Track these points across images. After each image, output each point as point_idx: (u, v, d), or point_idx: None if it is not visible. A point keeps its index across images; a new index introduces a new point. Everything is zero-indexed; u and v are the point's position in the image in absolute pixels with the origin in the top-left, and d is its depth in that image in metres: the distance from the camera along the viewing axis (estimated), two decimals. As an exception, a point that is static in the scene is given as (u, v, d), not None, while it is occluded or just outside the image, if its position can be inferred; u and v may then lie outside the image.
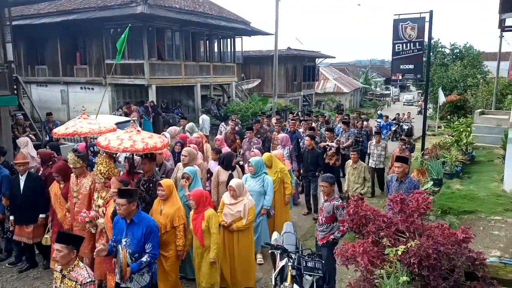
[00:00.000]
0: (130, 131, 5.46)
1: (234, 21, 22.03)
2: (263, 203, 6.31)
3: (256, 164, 6.42)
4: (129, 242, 4.13)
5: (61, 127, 6.34)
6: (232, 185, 5.49)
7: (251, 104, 19.80)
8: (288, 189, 7.00)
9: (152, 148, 5.28)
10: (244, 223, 5.39)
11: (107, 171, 5.35)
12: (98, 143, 5.47)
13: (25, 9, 19.60)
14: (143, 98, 18.56)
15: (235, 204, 5.45)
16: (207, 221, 4.90)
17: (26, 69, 20.89)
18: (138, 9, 16.02)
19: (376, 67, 73.47)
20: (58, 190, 5.86)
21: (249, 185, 6.28)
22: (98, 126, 6.18)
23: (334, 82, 37.34)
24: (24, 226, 5.97)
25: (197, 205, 4.92)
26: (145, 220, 4.21)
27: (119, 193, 4.13)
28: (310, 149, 8.67)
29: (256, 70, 28.23)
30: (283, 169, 7.04)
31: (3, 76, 10.82)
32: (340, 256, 3.84)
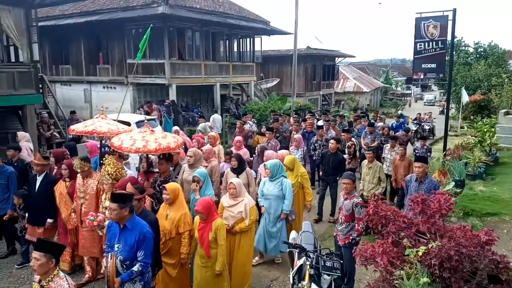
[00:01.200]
0: (143, 131, 5.38)
1: (254, 21, 22.07)
2: (282, 207, 6.10)
3: (273, 167, 6.17)
4: (121, 248, 3.93)
5: (80, 125, 6.32)
6: (233, 182, 5.33)
7: (270, 104, 19.81)
8: (309, 194, 6.82)
9: (165, 148, 5.19)
10: (247, 224, 5.23)
11: (115, 171, 5.29)
12: (112, 143, 5.43)
13: (50, 11, 20.07)
14: (164, 97, 18.80)
15: (235, 206, 5.28)
16: (215, 232, 4.64)
17: (51, 69, 21.43)
18: (159, 9, 16.22)
19: (397, 66, 72.35)
20: (64, 189, 5.78)
21: (267, 188, 6.14)
22: (116, 127, 6.15)
23: (354, 81, 36.95)
24: (36, 227, 5.95)
25: (207, 216, 4.65)
26: (139, 226, 3.95)
27: (112, 197, 3.91)
28: (333, 152, 8.30)
29: (275, 70, 28.21)
30: (303, 173, 6.85)
31: (29, 76, 11.17)
32: (359, 256, 3.82)
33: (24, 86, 10.96)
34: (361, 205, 5.13)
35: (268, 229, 6.13)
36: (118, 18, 17.46)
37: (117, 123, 6.48)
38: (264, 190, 6.17)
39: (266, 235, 6.17)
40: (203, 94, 21.93)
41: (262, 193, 6.24)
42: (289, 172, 6.68)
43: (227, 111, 20.02)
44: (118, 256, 3.89)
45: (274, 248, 6.20)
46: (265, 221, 6.19)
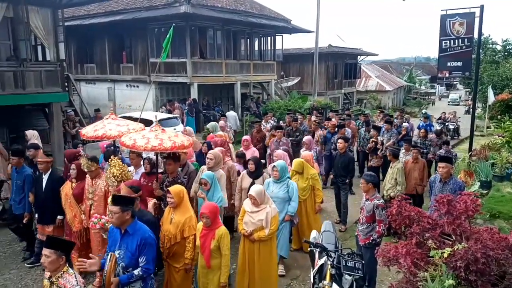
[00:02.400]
0: (155, 130, 5.27)
1: (275, 19, 22.03)
2: (288, 210, 5.85)
3: (282, 169, 5.90)
4: (122, 255, 3.74)
5: (90, 128, 6.08)
6: (252, 193, 4.98)
7: (291, 102, 19.74)
8: (319, 196, 6.58)
9: (180, 146, 5.10)
10: (266, 233, 4.91)
11: (120, 174, 5.17)
12: (123, 142, 5.26)
13: (76, 11, 20.56)
14: (185, 96, 18.99)
15: (256, 212, 4.98)
16: (218, 241, 4.35)
17: (76, 67, 21.96)
18: (182, 8, 16.38)
19: (421, 64, 70.89)
20: (70, 190, 5.64)
21: (272, 190, 5.83)
22: (127, 128, 5.96)
23: (376, 80, 36.38)
24: (45, 226, 5.86)
25: (212, 221, 4.36)
26: (141, 231, 3.76)
27: (113, 199, 3.72)
28: (342, 153, 7.97)
29: (296, 68, 28.08)
30: (314, 175, 6.60)
31: (56, 74, 11.46)
32: (381, 257, 3.76)
33: (50, 84, 11.26)
34: (382, 207, 5.06)
35: None
36: (141, 17, 17.75)
37: (127, 123, 6.20)
38: (269, 192, 5.76)
39: None
40: (223, 92, 22.05)
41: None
42: (298, 175, 6.50)
43: (248, 109, 20.06)
44: (119, 263, 3.73)
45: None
46: None
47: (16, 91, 10.51)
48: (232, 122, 15.99)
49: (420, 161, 7.82)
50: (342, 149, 7.92)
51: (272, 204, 5.08)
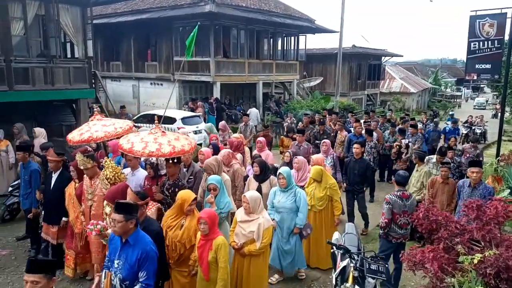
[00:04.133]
0: (155, 132, 4.96)
1: (299, 19, 21.94)
2: (296, 221, 5.39)
3: (288, 176, 5.45)
4: (121, 265, 3.47)
5: (75, 132, 5.73)
6: (247, 195, 4.61)
7: (313, 102, 19.64)
8: (338, 208, 6.07)
9: (179, 151, 4.79)
10: (257, 247, 4.52)
11: (113, 176, 4.94)
12: (120, 145, 4.96)
13: (104, 9, 20.99)
14: (208, 95, 19.15)
15: (248, 223, 4.59)
16: (215, 252, 4.01)
17: (102, 65, 22.42)
18: (207, 8, 16.51)
19: (447, 66, 69.33)
20: (73, 191, 5.44)
21: (278, 200, 5.43)
22: (113, 128, 5.64)
23: (400, 81, 35.80)
24: (51, 226, 5.70)
25: (209, 229, 4.03)
26: (142, 242, 3.47)
27: (116, 207, 3.43)
28: (358, 158, 7.37)
29: (318, 68, 27.91)
30: (332, 184, 6.08)
31: (84, 71, 11.74)
32: (407, 261, 3.71)
33: (78, 81, 11.55)
34: (387, 201, 5.18)
35: (281, 246, 5.47)
36: (167, 16, 17.96)
37: (113, 122, 5.87)
38: (275, 202, 5.44)
39: (279, 252, 5.53)
40: (245, 92, 22.12)
41: (272, 205, 5.52)
42: (316, 184, 6.05)
43: (269, 109, 20.07)
44: (117, 274, 3.46)
45: (290, 265, 5.58)
46: (278, 237, 5.52)
47: (46, 86, 10.82)
48: (254, 118, 16.30)
49: (450, 181, 6.72)
50: (358, 154, 7.35)
51: (266, 215, 4.68)
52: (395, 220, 5.18)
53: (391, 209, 5.18)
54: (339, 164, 8.14)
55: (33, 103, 11.00)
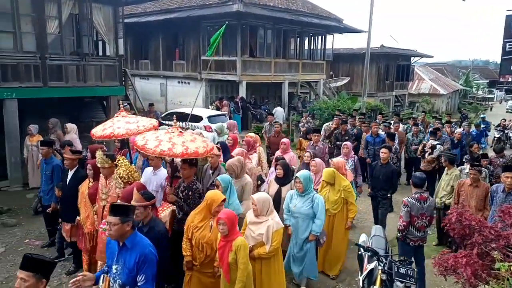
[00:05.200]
0: (171, 132, 4.88)
1: (327, 19, 21.75)
2: (312, 228, 5.13)
3: (306, 180, 5.19)
4: (119, 270, 3.32)
5: (99, 128, 5.74)
6: (254, 197, 4.47)
7: (339, 103, 19.41)
8: (352, 211, 5.82)
9: (192, 153, 4.65)
10: (266, 250, 4.35)
11: (127, 174, 4.86)
12: (135, 142, 4.95)
13: (134, 8, 21.42)
14: (234, 94, 19.25)
15: (257, 225, 4.44)
16: (235, 253, 3.93)
17: (131, 63, 22.88)
18: (234, 7, 16.59)
19: (479, 68, 67.18)
20: (86, 189, 5.38)
21: (294, 205, 5.20)
22: (136, 126, 5.61)
23: (430, 82, 34.95)
24: (65, 223, 5.74)
25: (229, 230, 3.95)
26: (140, 245, 3.32)
27: (111, 209, 3.27)
28: (384, 163, 7.03)
29: (345, 68, 27.60)
30: (347, 187, 5.82)
31: (114, 69, 12.03)
32: (438, 266, 3.62)
33: (109, 79, 11.83)
34: (405, 204, 5.14)
35: (293, 252, 5.28)
36: (195, 15, 18.15)
37: (137, 120, 5.84)
38: (291, 207, 5.23)
39: (291, 258, 5.36)
40: (271, 91, 22.11)
41: (288, 210, 5.32)
42: (329, 187, 5.81)
43: (294, 109, 19.99)
44: (116, 279, 3.33)
45: (300, 274, 5.33)
46: (292, 243, 5.35)
47: (78, 84, 11.15)
48: (279, 117, 16.43)
49: (481, 184, 6.33)
50: (385, 159, 7.03)
51: (276, 217, 4.49)
52: (413, 223, 5.15)
53: (409, 211, 5.15)
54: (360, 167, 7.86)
55: (66, 99, 11.35)
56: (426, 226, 5.22)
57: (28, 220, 7.81)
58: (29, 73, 10.17)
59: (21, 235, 7.20)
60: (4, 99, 9.69)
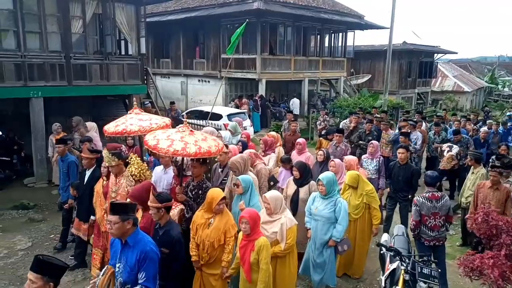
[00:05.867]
0: (182, 131, 4.80)
1: (348, 15, 21.51)
2: (332, 233, 4.89)
3: (329, 182, 4.97)
4: (121, 268, 3.32)
5: (112, 124, 5.73)
6: (267, 196, 4.40)
7: (360, 100, 19.18)
8: (376, 217, 5.56)
9: (205, 153, 4.60)
10: (282, 248, 4.28)
11: (139, 172, 4.81)
12: (146, 142, 4.84)
13: (155, 8, 21.67)
14: (253, 92, 19.27)
15: (270, 223, 4.38)
16: (257, 253, 3.88)
17: (152, 62, 23.16)
18: (255, 5, 16.58)
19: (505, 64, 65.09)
20: (101, 188, 5.38)
21: (316, 207, 5.00)
22: (149, 123, 5.56)
23: (453, 79, 34.11)
24: (81, 222, 5.76)
25: (252, 229, 3.91)
26: (141, 243, 3.31)
27: (112, 208, 3.27)
28: (403, 164, 6.80)
29: (366, 65, 27.24)
30: (370, 191, 5.56)
31: (136, 67, 12.20)
32: (463, 266, 3.54)
33: (131, 77, 12.01)
34: (414, 203, 5.20)
35: (313, 258, 5.04)
36: (215, 14, 18.24)
37: (150, 117, 5.79)
38: (313, 209, 5.03)
39: (311, 264, 5.12)
40: (290, 89, 22.04)
41: (310, 212, 5.13)
42: (352, 190, 5.60)
43: (314, 106, 19.86)
44: (118, 278, 3.33)
45: (320, 282, 5.09)
46: (311, 247, 5.12)
47: (101, 82, 11.36)
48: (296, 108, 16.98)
49: (502, 187, 6.04)
50: (404, 160, 6.80)
51: (288, 214, 4.43)
52: (425, 222, 5.13)
53: (418, 211, 5.15)
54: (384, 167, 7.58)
55: (89, 97, 11.58)
56: (441, 225, 5.14)
57: (53, 216, 8.01)
58: (55, 72, 10.43)
59: (47, 230, 7.42)
60: (30, 98, 9.96)
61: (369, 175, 7.17)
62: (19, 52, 9.81)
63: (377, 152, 7.58)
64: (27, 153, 10.62)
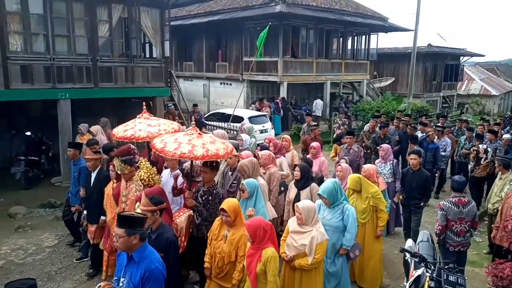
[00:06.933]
0: (190, 134, 4.72)
1: (371, 17, 21.29)
2: (342, 242, 4.70)
3: (330, 194, 4.70)
4: (125, 284, 3.17)
5: (121, 128, 5.75)
6: (299, 205, 4.20)
7: (384, 103, 18.90)
8: (382, 219, 5.38)
9: (213, 155, 4.50)
10: (309, 262, 4.08)
11: (148, 177, 4.70)
12: (153, 145, 4.81)
13: (178, 11, 21.94)
14: (274, 94, 19.27)
15: (300, 234, 4.18)
16: (264, 264, 3.72)
17: (176, 65, 23.47)
18: (277, 8, 16.60)
19: (535, 67, 63.04)
20: (111, 190, 5.36)
21: (323, 216, 4.76)
22: (157, 129, 5.54)
23: (480, 83, 33.26)
24: (90, 224, 5.70)
25: (253, 239, 3.75)
26: (147, 260, 3.14)
27: (118, 219, 3.12)
28: (416, 169, 6.49)
29: (390, 68, 26.88)
30: (375, 193, 5.36)
31: (160, 70, 12.38)
32: (491, 276, 3.44)
33: (155, 80, 12.19)
34: (441, 208, 5.15)
35: (326, 267, 4.77)
36: (238, 17, 18.36)
37: (159, 123, 5.77)
38: (320, 218, 4.73)
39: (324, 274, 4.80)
40: (312, 91, 21.93)
41: None
42: (356, 194, 5.40)
43: (336, 109, 19.70)
44: None
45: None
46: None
47: (126, 85, 11.57)
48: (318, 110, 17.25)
49: None
50: (416, 165, 6.49)
51: (320, 228, 4.20)
52: (451, 227, 5.09)
53: (445, 215, 5.08)
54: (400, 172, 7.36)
55: (114, 100, 11.81)
56: (467, 231, 5.12)
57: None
58: (82, 74, 10.70)
59: (73, 228, 7.57)
60: (58, 100, 10.25)
61: (385, 179, 7.01)
62: (48, 55, 10.12)
63: (390, 155, 7.39)
64: (54, 153, 10.92)
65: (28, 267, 6.07)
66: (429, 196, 6.74)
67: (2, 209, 8.68)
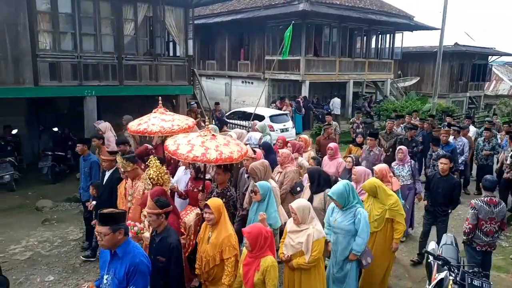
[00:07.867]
0: (203, 135, 4.62)
1: (396, 16, 20.92)
2: (352, 247, 4.47)
3: (341, 196, 4.50)
4: (109, 281, 3.10)
5: (135, 122, 5.72)
6: (293, 206, 4.11)
7: (408, 103, 18.57)
8: (398, 231, 4.99)
9: (226, 159, 4.40)
10: (306, 260, 4.00)
11: (157, 176, 4.61)
12: (166, 146, 4.72)
13: (201, 10, 22.09)
14: (296, 93, 19.20)
15: (297, 233, 4.11)
16: (263, 273, 3.58)
17: (198, 63, 23.65)
18: (300, 6, 16.53)
19: None
20: (123, 190, 5.28)
21: (335, 219, 4.60)
22: (170, 124, 5.45)
23: (509, 83, 32.20)
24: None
25: (252, 247, 3.62)
26: (131, 254, 3.07)
27: (100, 218, 3.05)
28: (444, 175, 6.09)
29: (415, 67, 26.36)
30: (393, 205, 4.97)
31: (184, 69, 12.52)
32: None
33: (179, 78, 12.34)
34: (472, 206, 5.12)
35: (333, 271, 4.67)
36: (261, 16, 18.36)
37: (173, 119, 5.70)
38: (331, 221, 4.65)
39: (330, 279, 4.70)
40: (334, 90, 21.74)
41: (329, 224, 4.72)
42: (374, 199, 5.10)
43: (359, 109, 19.46)
44: None
45: None
46: (331, 261, 4.74)
47: (150, 82, 11.77)
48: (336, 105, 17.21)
49: None
50: (445, 170, 6.10)
51: (317, 225, 4.11)
52: (480, 227, 5.07)
53: (476, 214, 5.06)
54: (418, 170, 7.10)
55: (138, 97, 12.01)
56: (495, 231, 5.11)
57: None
58: (107, 72, 10.94)
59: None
60: (85, 97, 10.51)
61: (404, 182, 6.87)
62: (75, 53, 10.39)
63: (407, 157, 7.17)
64: (80, 149, 11.18)
65: (54, 259, 6.25)
66: (456, 203, 6.27)
67: (30, 202, 9.00)
